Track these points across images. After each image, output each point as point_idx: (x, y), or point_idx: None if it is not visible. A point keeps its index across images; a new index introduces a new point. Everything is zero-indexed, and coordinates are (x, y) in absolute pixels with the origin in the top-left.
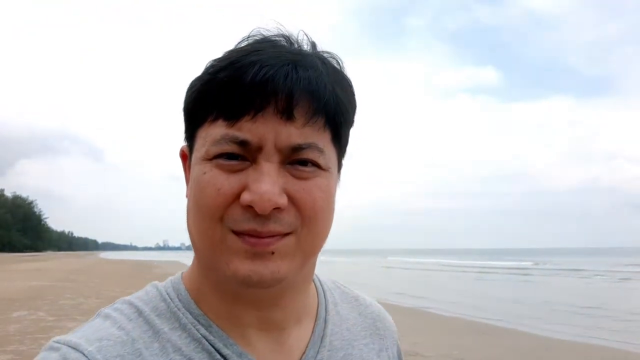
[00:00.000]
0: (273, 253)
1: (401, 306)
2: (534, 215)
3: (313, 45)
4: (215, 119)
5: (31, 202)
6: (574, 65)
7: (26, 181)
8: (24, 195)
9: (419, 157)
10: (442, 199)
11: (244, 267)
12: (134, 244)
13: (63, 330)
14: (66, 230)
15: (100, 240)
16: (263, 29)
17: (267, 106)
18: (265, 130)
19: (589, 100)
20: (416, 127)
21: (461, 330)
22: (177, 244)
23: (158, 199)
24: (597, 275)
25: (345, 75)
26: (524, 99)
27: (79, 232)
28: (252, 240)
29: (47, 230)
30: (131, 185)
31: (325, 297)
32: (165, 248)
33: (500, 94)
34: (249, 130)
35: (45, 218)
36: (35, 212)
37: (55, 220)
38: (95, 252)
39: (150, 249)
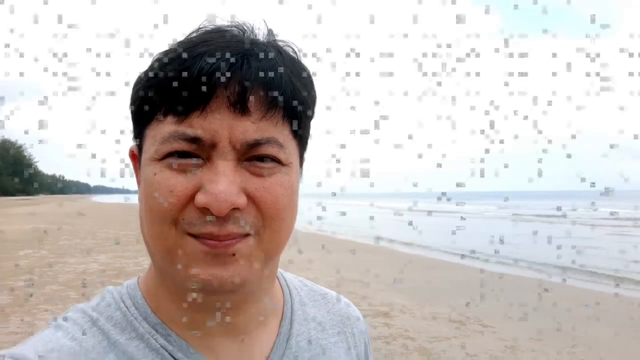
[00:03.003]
0: (234, 255)
1: (354, 242)
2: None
3: (270, 33)
4: (163, 116)
5: (20, 146)
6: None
7: (11, 126)
8: (12, 139)
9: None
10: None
11: (204, 271)
12: (126, 187)
13: (65, 265)
14: (57, 174)
15: (92, 184)
16: (216, 17)
17: (217, 100)
18: (219, 125)
19: None
20: None
21: (407, 264)
22: None
23: None
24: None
25: (303, 65)
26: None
27: (70, 176)
28: (212, 242)
29: (39, 174)
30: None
31: (291, 296)
32: None
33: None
34: (200, 126)
35: (36, 162)
36: (26, 156)
37: (46, 164)
38: (87, 196)
39: None
